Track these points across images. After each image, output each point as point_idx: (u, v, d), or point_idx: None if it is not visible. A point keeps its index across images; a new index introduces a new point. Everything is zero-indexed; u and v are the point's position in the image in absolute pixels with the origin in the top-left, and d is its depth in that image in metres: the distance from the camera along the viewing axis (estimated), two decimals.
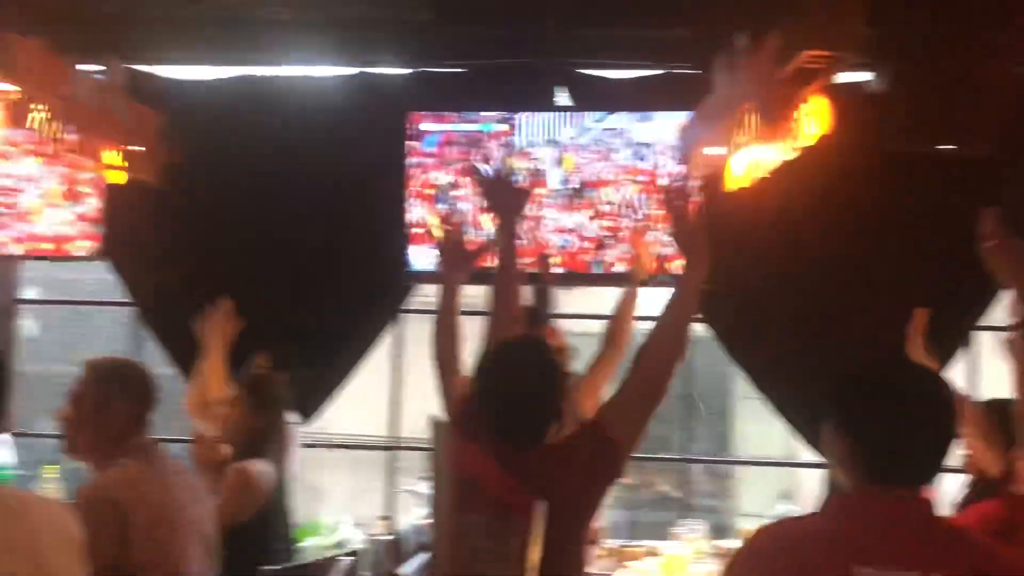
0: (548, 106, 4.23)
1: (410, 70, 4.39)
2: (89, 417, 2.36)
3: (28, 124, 2.95)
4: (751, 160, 3.07)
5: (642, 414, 2.16)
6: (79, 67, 3.23)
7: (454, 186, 4.15)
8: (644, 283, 3.60)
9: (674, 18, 4.03)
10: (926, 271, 3.92)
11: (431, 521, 1.86)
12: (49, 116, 3.01)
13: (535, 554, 1.90)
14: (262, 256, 4.24)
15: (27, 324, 6.70)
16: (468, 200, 4.08)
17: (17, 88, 2.90)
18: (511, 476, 1.91)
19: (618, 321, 3.53)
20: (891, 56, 3.37)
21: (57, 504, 1.87)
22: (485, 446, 2.03)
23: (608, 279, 3.99)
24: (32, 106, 2.94)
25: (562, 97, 4.33)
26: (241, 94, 4.36)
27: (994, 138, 3.04)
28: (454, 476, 1.80)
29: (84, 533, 1.91)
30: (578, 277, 4.10)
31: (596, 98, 4.25)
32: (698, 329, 4.33)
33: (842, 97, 4.00)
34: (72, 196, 4.28)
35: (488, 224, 4.02)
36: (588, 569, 3.42)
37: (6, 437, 3.94)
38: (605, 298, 3.77)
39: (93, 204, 4.27)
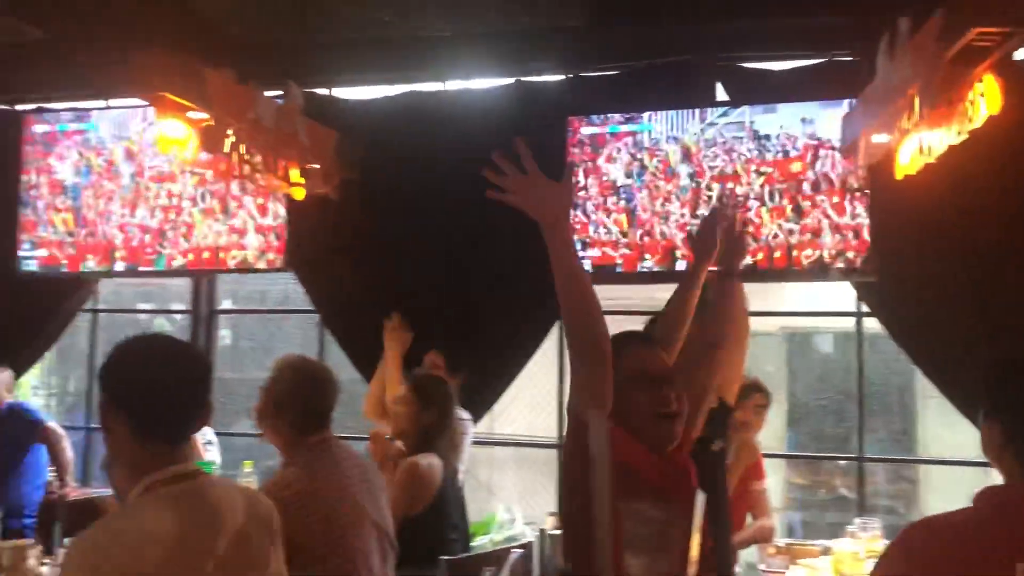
0: (707, 102, 4.21)
1: (567, 75, 4.47)
2: (274, 411, 2.52)
3: (221, 148, 3.25)
4: (919, 146, 2.97)
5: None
6: (263, 95, 3.51)
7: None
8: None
9: (833, 4, 3.93)
10: None
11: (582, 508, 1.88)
12: (236, 139, 3.29)
13: (695, 545, 1.92)
14: (432, 262, 4.43)
15: (223, 333, 7.28)
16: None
17: (208, 116, 3.19)
18: (668, 464, 1.94)
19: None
20: None
21: (258, 493, 2.02)
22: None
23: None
24: (223, 131, 3.23)
25: (721, 92, 4.29)
26: (408, 109, 4.58)
27: None
28: (612, 462, 1.84)
29: None
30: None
31: (755, 91, 4.19)
32: (871, 324, 4.19)
33: (1019, 75, 3.80)
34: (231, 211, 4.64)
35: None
36: (760, 567, 3.40)
37: (212, 437, 4.30)
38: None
39: (254, 219, 4.61)
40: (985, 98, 2.57)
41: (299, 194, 3.78)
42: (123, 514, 1.70)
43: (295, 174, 3.68)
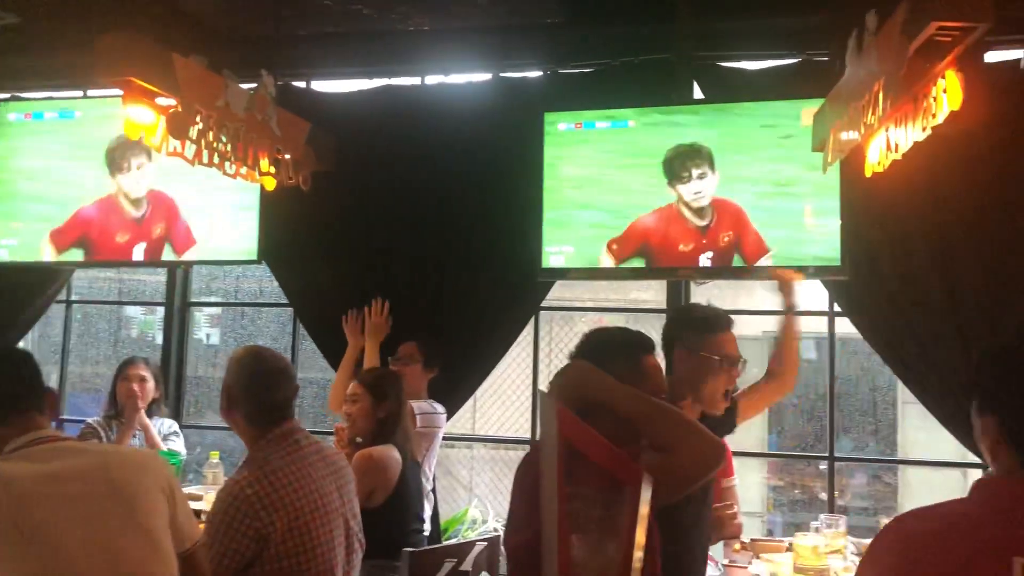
0: (684, 99, 4.21)
1: (545, 72, 4.46)
2: (231, 407, 2.49)
3: (187, 135, 3.22)
4: (886, 143, 2.96)
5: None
6: (234, 83, 3.48)
7: None
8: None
9: (809, 4, 3.94)
10: None
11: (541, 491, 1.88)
12: (204, 127, 3.27)
13: (642, 532, 1.90)
14: (406, 255, 4.42)
15: (211, 331, 7.22)
16: None
17: (176, 102, 3.17)
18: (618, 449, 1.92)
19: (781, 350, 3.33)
20: None
21: (151, 454, 2.11)
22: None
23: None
24: (191, 117, 3.21)
25: (698, 91, 4.29)
26: (385, 103, 4.56)
27: None
28: (560, 445, 1.82)
29: (223, 524, 2.24)
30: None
31: (731, 89, 4.19)
32: (845, 325, 4.18)
33: (995, 75, 3.80)
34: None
35: None
36: (723, 562, 3.39)
37: (177, 429, 4.26)
38: None
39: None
40: (947, 94, 2.57)
41: (269, 184, 3.75)
42: None
43: (265, 164, 3.65)
